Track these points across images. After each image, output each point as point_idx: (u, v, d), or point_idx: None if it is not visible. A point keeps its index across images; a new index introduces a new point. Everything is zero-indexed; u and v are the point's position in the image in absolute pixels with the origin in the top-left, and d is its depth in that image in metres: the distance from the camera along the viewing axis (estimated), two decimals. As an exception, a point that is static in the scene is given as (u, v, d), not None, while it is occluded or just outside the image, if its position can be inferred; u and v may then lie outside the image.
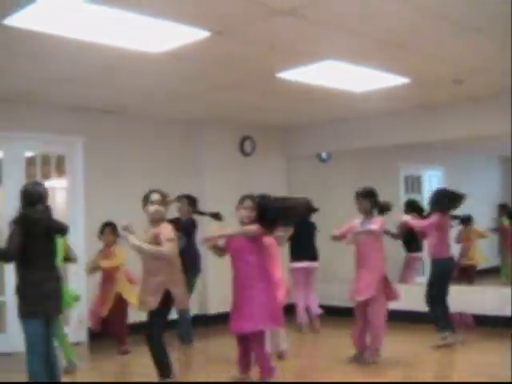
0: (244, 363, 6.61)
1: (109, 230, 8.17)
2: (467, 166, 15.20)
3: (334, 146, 11.11)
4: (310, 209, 9.09)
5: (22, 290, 5.60)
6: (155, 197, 6.34)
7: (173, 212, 7.92)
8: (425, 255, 9.82)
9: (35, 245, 5.58)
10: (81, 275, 8.84)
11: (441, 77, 7.90)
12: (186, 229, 8.33)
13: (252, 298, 6.27)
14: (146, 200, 6.37)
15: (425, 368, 7.41)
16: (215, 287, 9.91)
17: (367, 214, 7.49)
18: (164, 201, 6.40)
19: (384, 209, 7.58)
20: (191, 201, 8.71)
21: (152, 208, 6.30)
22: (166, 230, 6.22)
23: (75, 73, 7.34)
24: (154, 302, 6.17)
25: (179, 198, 8.37)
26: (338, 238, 7.62)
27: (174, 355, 6.71)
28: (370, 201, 7.49)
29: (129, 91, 8.37)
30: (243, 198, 6.50)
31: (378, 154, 11.17)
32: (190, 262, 8.08)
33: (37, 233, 5.60)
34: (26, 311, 5.58)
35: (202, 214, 8.63)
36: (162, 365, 6.22)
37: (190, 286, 8.10)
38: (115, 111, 9.49)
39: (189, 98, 8.88)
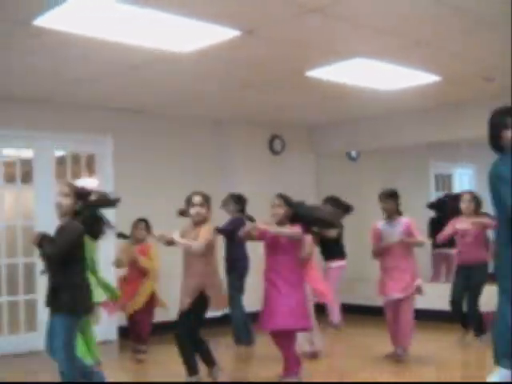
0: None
1: (142, 226, 8.09)
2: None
3: (364, 145, 11.06)
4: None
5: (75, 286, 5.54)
6: (196, 199, 6.41)
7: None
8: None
9: None
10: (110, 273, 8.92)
11: (471, 75, 7.83)
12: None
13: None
14: (189, 202, 6.44)
15: (453, 367, 7.38)
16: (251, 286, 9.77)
17: (392, 215, 7.47)
18: (206, 202, 6.45)
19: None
20: (238, 200, 8.60)
21: (193, 210, 6.37)
22: (204, 230, 6.28)
23: (104, 73, 7.38)
24: (187, 302, 6.27)
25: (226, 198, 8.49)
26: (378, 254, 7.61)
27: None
28: (394, 201, 7.49)
29: (158, 91, 8.39)
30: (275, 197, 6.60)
31: (408, 152, 11.09)
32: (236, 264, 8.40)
33: None
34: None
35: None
36: (187, 364, 6.33)
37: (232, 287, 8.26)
38: (145, 111, 9.52)
39: (218, 97, 8.89)
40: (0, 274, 8.46)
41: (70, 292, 5.39)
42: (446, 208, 10.15)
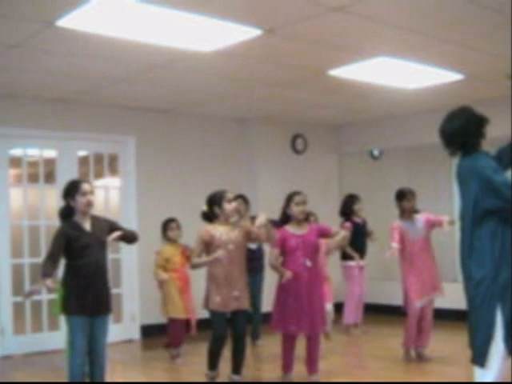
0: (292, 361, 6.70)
1: (174, 226, 7.85)
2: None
3: (386, 143, 11.01)
4: None
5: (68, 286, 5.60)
6: (231, 195, 6.42)
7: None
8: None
9: None
10: (133, 272, 8.95)
11: (495, 73, 7.76)
12: None
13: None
14: (220, 200, 6.36)
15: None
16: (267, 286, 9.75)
17: (411, 214, 7.44)
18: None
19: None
20: (247, 201, 8.55)
21: (231, 207, 6.39)
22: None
23: (127, 73, 7.40)
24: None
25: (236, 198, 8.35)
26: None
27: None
28: (415, 199, 7.45)
29: (180, 90, 8.40)
30: (293, 195, 6.56)
31: (431, 150, 10.97)
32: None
33: None
34: None
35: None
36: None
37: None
38: (167, 110, 9.54)
39: (240, 97, 8.88)
40: (23, 273, 8.50)
41: None
42: None
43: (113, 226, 5.76)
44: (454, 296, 8.58)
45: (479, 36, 6.35)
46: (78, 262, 5.45)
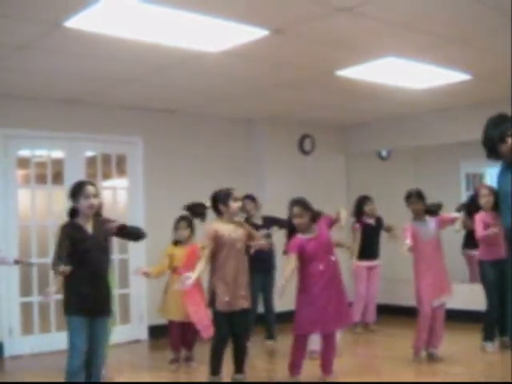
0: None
1: (183, 225, 7.55)
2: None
3: (394, 144, 11.00)
4: None
5: (68, 288, 5.60)
6: (238, 194, 6.48)
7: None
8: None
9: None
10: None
11: (502, 73, 7.75)
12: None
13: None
14: (226, 197, 6.43)
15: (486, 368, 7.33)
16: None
17: (421, 215, 7.43)
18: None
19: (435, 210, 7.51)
20: (255, 200, 8.55)
21: (237, 205, 6.47)
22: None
23: (134, 73, 7.40)
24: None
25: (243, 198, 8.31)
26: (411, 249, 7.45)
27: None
28: (423, 201, 7.44)
29: (188, 91, 8.41)
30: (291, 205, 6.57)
31: (439, 151, 10.99)
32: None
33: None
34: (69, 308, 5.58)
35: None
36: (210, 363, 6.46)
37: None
38: (175, 111, 9.55)
39: (248, 97, 8.88)
40: (31, 274, 8.51)
41: None
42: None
43: (118, 226, 5.74)
44: (463, 297, 8.61)
45: (486, 36, 6.34)
46: (79, 265, 5.42)
